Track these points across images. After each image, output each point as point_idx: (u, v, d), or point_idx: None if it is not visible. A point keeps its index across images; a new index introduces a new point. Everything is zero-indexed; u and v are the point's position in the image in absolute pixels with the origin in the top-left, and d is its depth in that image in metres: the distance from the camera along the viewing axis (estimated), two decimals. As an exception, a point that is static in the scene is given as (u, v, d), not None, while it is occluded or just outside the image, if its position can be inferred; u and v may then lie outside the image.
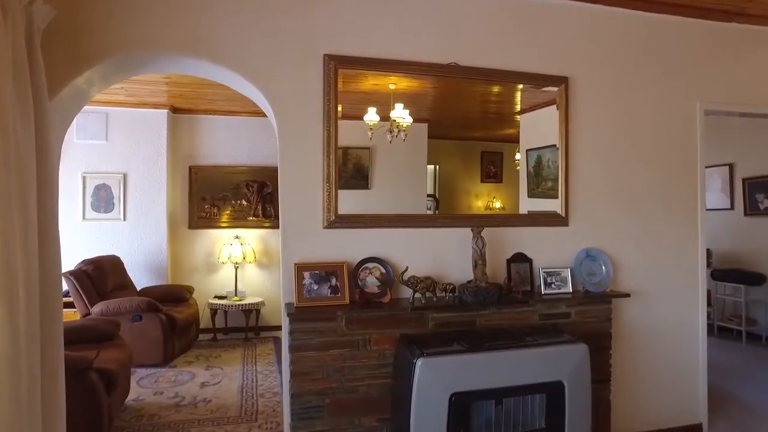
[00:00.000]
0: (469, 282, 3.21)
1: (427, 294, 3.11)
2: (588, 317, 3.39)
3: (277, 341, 6.33)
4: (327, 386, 2.92)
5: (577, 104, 3.58)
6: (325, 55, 3.10)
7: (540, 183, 3.97)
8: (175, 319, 5.49)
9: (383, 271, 3.15)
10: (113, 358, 4.01)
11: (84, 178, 6.31)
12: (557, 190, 3.60)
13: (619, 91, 3.66)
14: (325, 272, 3.05)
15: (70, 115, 3.25)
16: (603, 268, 3.50)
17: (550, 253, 3.49)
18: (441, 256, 3.29)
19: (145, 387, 4.85)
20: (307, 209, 3.09)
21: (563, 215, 3.53)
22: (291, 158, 3.09)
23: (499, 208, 4.71)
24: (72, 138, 6.29)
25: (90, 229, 6.33)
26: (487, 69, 3.41)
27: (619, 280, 3.61)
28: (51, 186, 2.45)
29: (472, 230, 3.20)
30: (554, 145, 3.69)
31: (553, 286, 3.40)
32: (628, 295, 3.51)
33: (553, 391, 2.89)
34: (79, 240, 6.29)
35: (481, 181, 4.79)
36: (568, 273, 3.45)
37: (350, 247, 3.14)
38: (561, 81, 3.52)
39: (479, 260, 3.17)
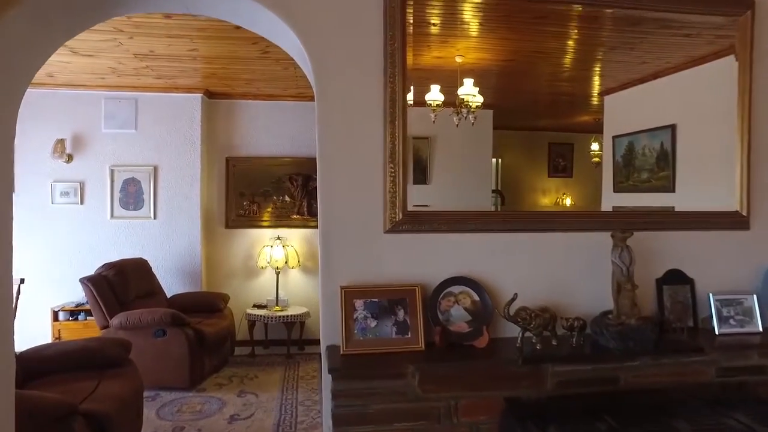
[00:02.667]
0: (607, 315, 2.00)
1: (545, 333, 1.93)
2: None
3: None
4: (391, 484, 1.79)
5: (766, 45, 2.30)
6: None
7: (631, 175, 3.14)
8: (204, 335, 4.49)
9: (476, 298, 1.99)
10: (113, 394, 3.01)
11: (112, 171, 5.42)
12: (660, 182, 2.80)
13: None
14: (388, 300, 1.91)
15: (19, 83, 2.22)
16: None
17: (722, 270, 2.23)
18: (559, 274, 2.10)
19: (165, 419, 3.86)
20: (359, 204, 1.97)
21: (743, 213, 2.26)
22: (334, 127, 1.97)
23: (570, 206, 3.96)
24: (99, 127, 5.42)
25: (117, 228, 5.43)
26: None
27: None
28: None
29: (613, 236, 1.99)
30: (655, 128, 2.90)
31: (731, 321, 2.14)
32: None
33: None
34: (105, 241, 5.40)
35: (549, 176, 4.11)
36: (753, 301, 2.17)
37: (426, 260, 2.00)
38: (743, 6, 2.26)
39: (625, 283, 1.95)
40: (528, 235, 2.08)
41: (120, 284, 4.59)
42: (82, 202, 5.41)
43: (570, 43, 3.31)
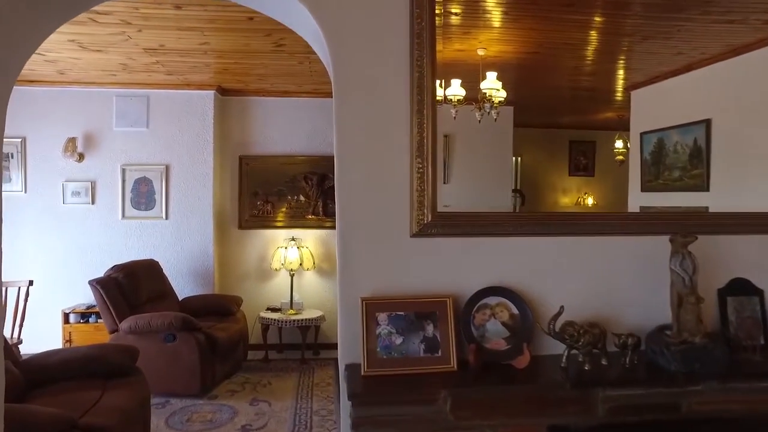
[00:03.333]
0: (665, 332, 1.74)
1: (594, 351, 1.67)
2: None
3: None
4: None
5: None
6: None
7: (661, 173, 2.95)
8: (216, 340, 4.28)
9: (514, 311, 1.73)
10: (117, 406, 2.81)
11: (123, 170, 5.25)
12: (693, 180, 2.58)
13: None
14: (416, 313, 1.66)
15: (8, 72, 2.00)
16: None
17: (794, 279, 1.95)
18: (607, 284, 1.84)
19: (174, 428, 3.66)
20: (382, 204, 1.72)
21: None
22: (354, 118, 1.73)
23: (591, 206, 3.78)
24: (111, 126, 5.24)
25: (129, 229, 5.25)
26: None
27: None
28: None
29: (673, 241, 1.72)
30: (688, 124, 2.67)
31: (807, 339, 1.86)
32: None
33: None
34: (117, 242, 5.23)
35: (569, 175, 3.90)
36: (831, 316, 1.89)
37: (457, 267, 1.76)
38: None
39: (688, 295, 1.68)
40: (572, 240, 1.82)
41: (130, 287, 4.41)
42: (93, 202, 5.24)
43: (599, 33, 3.08)
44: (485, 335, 1.70)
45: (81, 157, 5.21)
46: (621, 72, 3.30)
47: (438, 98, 1.82)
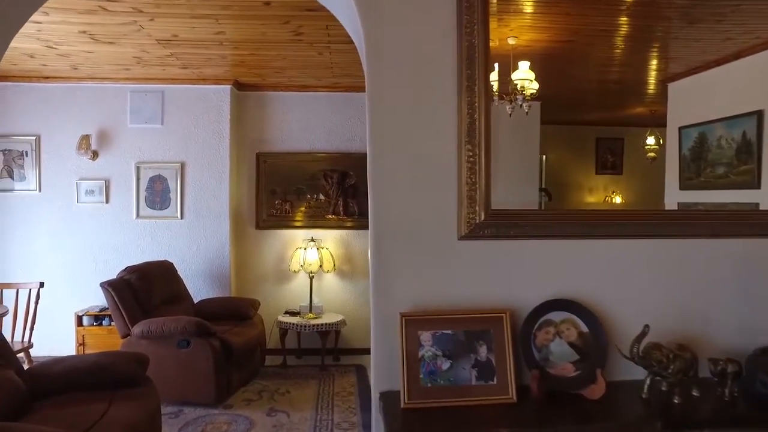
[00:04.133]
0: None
1: (682, 378, 1.35)
2: None
3: (361, 371, 4.73)
4: None
5: None
6: None
7: (702, 170, 2.69)
8: (232, 346, 4.02)
9: (584, 329, 1.42)
10: (124, 421, 2.55)
11: (138, 168, 5.02)
12: (740, 177, 2.25)
13: None
14: (466, 332, 1.36)
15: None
16: None
17: None
18: (697, 296, 1.51)
19: (188, 440, 3.40)
20: (424, 201, 1.42)
21: None
22: (390, 98, 1.43)
23: (620, 205, 3.55)
24: (125, 122, 5.02)
25: (143, 228, 5.02)
26: None
27: None
28: None
29: (782, 245, 1.39)
30: (736, 116, 2.35)
31: None
32: None
33: None
34: (130, 242, 5.01)
35: (596, 173, 3.66)
36: None
37: (515, 276, 1.44)
38: None
39: (803, 312, 1.35)
40: (651, 243, 1.50)
41: (143, 289, 4.17)
42: (107, 201, 5.02)
43: (641, 17, 2.75)
44: (549, 359, 1.39)
45: (95, 154, 5.00)
46: (657, 63, 3.02)
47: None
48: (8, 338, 4.86)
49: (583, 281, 1.45)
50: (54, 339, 4.97)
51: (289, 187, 5.20)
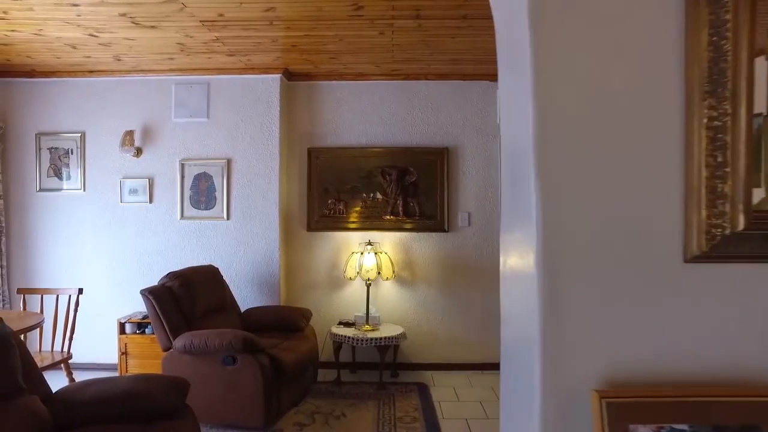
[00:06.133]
0: None
1: None
2: None
3: (423, 391, 4.15)
4: None
5: None
6: None
7: None
8: (282, 363, 3.51)
9: None
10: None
11: (182, 165, 4.61)
12: None
13: None
14: (715, 429, 0.75)
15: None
16: None
17: None
18: None
19: (234, 475, 2.90)
20: (626, 202, 0.81)
21: None
22: (569, 53, 0.82)
23: None
24: (169, 117, 4.62)
25: (187, 230, 4.61)
26: None
27: None
28: None
29: None
30: None
31: None
32: None
33: None
34: (174, 244, 4.61)
35: None
36: None
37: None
38: None
39: None
40: None
41: (186, 297, 3.72)
42: (150, 201, 4.64)
43: None
44: None
45: (139, 151, 4.62)
46: None
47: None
48: (48, 347, 4.54)
49: None
50: (96, 346, 4.63)
51: (344, 186, 4.67)
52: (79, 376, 4.45)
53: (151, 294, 3.61)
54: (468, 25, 3.52)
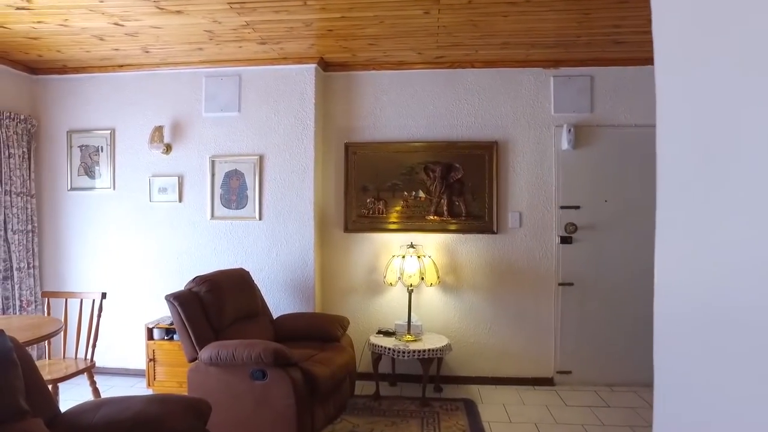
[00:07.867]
0: None
1: None
2: None
3: (471, 408, 3.71)
4: None
5: None
6: None
7: None
8: (316, 379, 3.14)
9: None
10: None
11: (213, 162, 4.32)
12: None
13: None
14: None
15: None
16: None
17: None
18: None
19: (263, 507, 2.54)
20: None
21: None
22: None
23: None
24: (200, 111, 4.34)
25: (218, 231, 4.31)
26: None
27: None
28: None
29: None
30: None
31: None
32: None
33: None
34: (204, 246, 4.31)
35: None
36: None
37: None
38: None
39: None
40: None
41: (214, 303, 3.40)
42: (180, 200, 4.36)
43: None
44: None
45: (168, 148, 4.35)
46: None
47: None
48: (71, 354, 4.32)
49: None
50: (126, 349, 4.39)
51: (383, 183, 4.27)
52: (106, 383, 4.23)
53: (177, 300, 3.30)
54: (525, 0, 3.07)
